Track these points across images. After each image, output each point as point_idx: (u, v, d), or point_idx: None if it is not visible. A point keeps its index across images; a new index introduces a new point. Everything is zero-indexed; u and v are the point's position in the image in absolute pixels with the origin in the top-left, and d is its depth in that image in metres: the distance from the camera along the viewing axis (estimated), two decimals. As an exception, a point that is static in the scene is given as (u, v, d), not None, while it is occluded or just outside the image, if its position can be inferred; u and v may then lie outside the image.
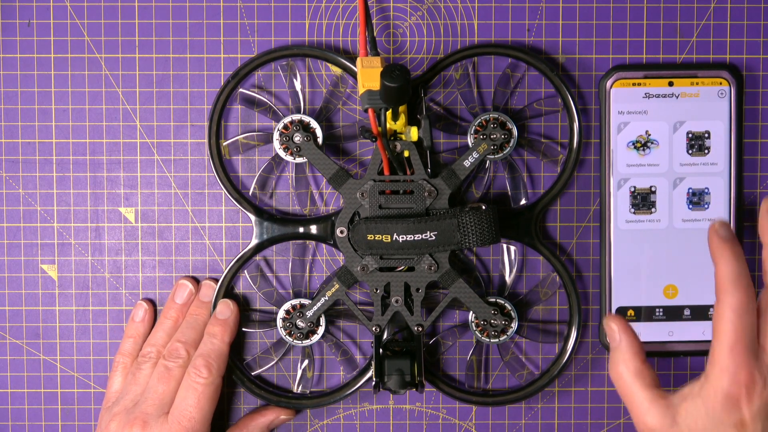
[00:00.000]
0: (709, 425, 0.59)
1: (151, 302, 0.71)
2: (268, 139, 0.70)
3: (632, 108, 0.69)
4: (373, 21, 0.70)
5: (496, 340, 0.68)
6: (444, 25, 0.70)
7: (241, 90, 0.70)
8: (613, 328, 0.63)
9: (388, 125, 0.64)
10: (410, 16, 0.70)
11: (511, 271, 0.70)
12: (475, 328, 0.69)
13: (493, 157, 0.68)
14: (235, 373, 0.70)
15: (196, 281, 0.71)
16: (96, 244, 0.71)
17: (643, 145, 0.69)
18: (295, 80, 0.69)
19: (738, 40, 0.70)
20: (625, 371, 0.62)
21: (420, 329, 0.68)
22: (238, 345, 0.71)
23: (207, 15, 0.70)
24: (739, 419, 0.59)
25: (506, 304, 0.69)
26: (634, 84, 0.69)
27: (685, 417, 0.60)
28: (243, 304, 0.71)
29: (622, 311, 0.70)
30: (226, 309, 0.69)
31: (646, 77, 0.69)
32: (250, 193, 0.70)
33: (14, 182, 0.70)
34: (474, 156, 0.67)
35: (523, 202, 0.70)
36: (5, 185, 0.71)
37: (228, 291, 0.70)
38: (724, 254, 0.60)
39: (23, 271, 0.71)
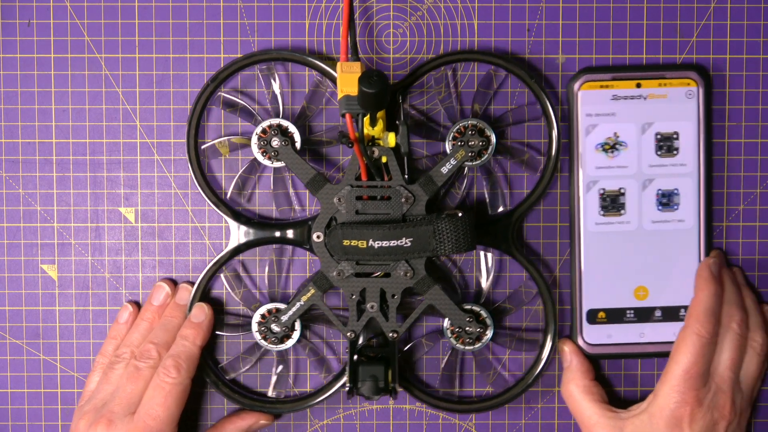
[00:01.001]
0: None
1: (137, 304, 0.71)
2: (249, 143, 0.69)
3: (600, 110, 0.69)
4: (373, 22, 0.70)
5: (472, 347, 0.68)
6: (444, 25, 0.70)
7: (221, 93, 0.69)
8: (565, 350, 0.70)
9: (366, 131, 0.64)
10: (410, 16, 0.70)
11: (487, 278, 0.70)
12: (450, 335, 0.68)
13: (471, 163, 0.67)
14: (210, 377, 0.70)
15: (174, 284, 0.71)
16: (96, 244, 0.71)
17: (611, 147, 0.69)
18: (273, 84, 0.69)
19: (711, 39, 0.70)
20: (575, 389, 0.69)
21: (395, 335, 0.67)
22: (213, 348, 0.71)
23: (207, 15, 0.70)
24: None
25: (482, 312, 0.68)
26: (602, 86, 0.69)
27: (632, 431, 0.66)
28: (219, 308, 0.71)
29: (593, 313, 0.70)
30: (201, 313, 0.69)
31: (614, 79, 0.69)
32: (228, 196, 0.70)
33: (14, 182, 0.71)
34: (452, 162, 0.67)
35: (501, 209, 0.70)
36: (5, 185, 0.71)
37: (204, 294, 0.70)
38: (707, 288, 0.67)
39: (23, 271, 0.71)
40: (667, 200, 0.70)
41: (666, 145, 0.69)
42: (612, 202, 0.69)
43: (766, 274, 0.71)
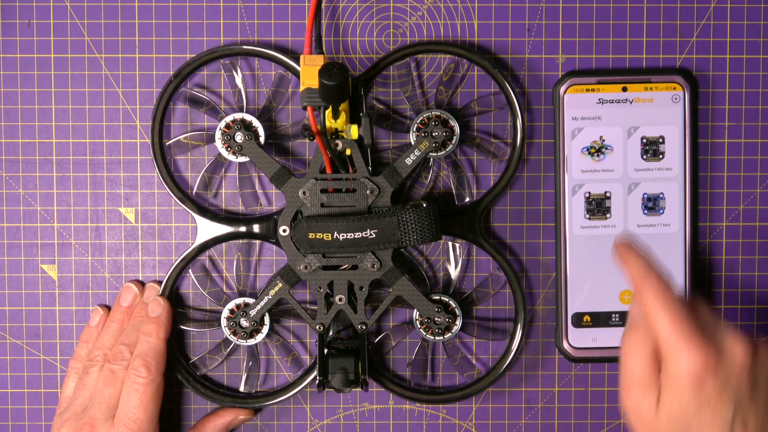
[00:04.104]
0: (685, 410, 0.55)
1: (107, 307, 0.71)
2: (213, 139, 0.69)
3: (586, 114, 0.69)
4: (373, 22, 0.70)
5: (441, 337, 0.68)
6: (444, 25, 0.70)
7: (184, 89, 0.69)
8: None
9: (328, 123, 0.64)
10: (410, 16, 0.70)
11: (456, 269, 0.70)
12: (419, 326, 0.69)
13: (435, 154, 0.67)
14: (181, 373, 0.69)
15: (142, 284, 0.71)
16: (96, 244, 0.71)
17: (597, 150, 0.69)
18: (237, 78, 0.69)
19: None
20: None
21: (364, 327, 0.68)
22: (184, 345, 0.71)
23: (207, 15, 0.70)
24: (707, 396, 0.55)
25: (450, 302, 0.68)
26: (587, 89, 0.69)
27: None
28: (189, 304, 0.71)
29: (578, 317, 0.70)
30: (158, 306, 0.68)
31: (599, 83, 0.69)
32: (194, 192, 0.70)
33: (14, 182, 0.70)
34: (416, 154, 0.67)
35: (467, 199, 0.70)
36: (5, 185, 0.71)
37: (173, 292, 0.70)
38: (631, 255, 0.58)
39: (23, 271, 0.71)
40: (652, 204, 0.70)
41: (652, 149, 0.69)
42: (597, 206, 0.70)
43: (727, 275, 0.71)
